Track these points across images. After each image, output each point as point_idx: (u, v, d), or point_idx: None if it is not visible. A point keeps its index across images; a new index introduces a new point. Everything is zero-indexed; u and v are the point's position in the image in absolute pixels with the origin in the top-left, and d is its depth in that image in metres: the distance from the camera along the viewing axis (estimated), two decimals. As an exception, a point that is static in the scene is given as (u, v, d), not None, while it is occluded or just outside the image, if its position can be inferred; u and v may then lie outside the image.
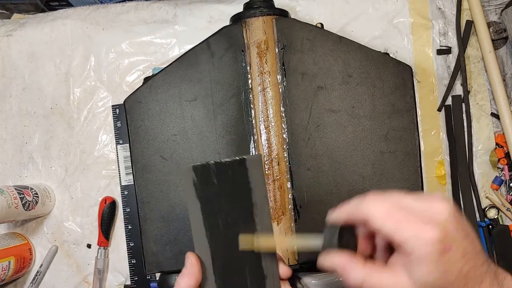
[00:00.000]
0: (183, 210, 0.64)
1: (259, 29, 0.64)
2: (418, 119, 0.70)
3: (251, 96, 0.64)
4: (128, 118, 0.66)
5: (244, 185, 0.42)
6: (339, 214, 0.40)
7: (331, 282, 0.67)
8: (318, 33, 0.65)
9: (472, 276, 0.36)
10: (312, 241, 0.41)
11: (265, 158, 0.63)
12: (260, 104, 0.63)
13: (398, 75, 0.64)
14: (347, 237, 0.39)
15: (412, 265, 0.36)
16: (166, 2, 0.79)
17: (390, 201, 0.38)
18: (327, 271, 0.70)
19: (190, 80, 0.65)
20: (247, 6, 0.67)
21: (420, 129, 0.71)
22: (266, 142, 0.63)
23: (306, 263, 0.63)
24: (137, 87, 0.67)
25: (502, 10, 0.72)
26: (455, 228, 0.36)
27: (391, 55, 0.73)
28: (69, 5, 0.88)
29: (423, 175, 0.71)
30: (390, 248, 0.40)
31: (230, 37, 0.65)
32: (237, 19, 0.66)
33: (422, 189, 0.62)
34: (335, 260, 0.39)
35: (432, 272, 0.35)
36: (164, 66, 0.67)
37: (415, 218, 0.36)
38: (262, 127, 0.63)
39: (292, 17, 0.68)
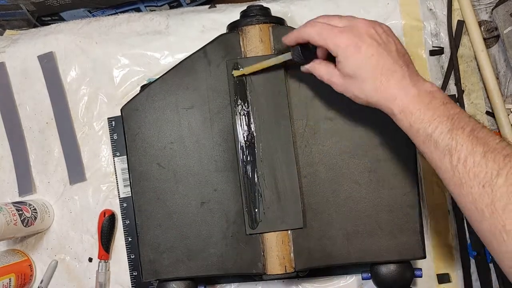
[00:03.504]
0: (180, 218, 0.64)
1: (255, 37, 0.64)
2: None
3: (247, 104, 0.64)
4: (125, 126, 0.66)
5: None
6: (290, 39, 0.57)
7: None
8: None
9: (380, 70, 0.51)
10: (283, 57, 0.59)
11: (263, 165, 0.63)
12: (256, 111, 0.63)
13: None
14: (306, 51, 0.57)
15: (338, 63, 0.53)
16: (158, 13, 0.79)
17: (321, 22, 0.54)
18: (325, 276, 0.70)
19: (187, 88, 0.65)
20: (243, 14, 0.67)
21: (416, 130, 0.71)
22: (263, 149, 0.63)
23: (303, 271, 0.62)
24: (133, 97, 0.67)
25: (492, 9, 0.72)
26: (367, 36, 0.52)
27: (384, 58, 0.73)
28: (61, 19, 0.88)
29: (421, 180, 0.71)
30: None
31: (227, 45, 0.65)
32: (233, 27, 0.66)
33: (419, 196, 0.62)
34: (306, 67, 0.59)
35: (348, 65, 0.52)
36: (158, 76, 0.67)
37: (337, 31, 0.52)
38: (258, 134, 0.63)
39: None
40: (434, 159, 0.48)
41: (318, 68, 0.57)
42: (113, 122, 0.76)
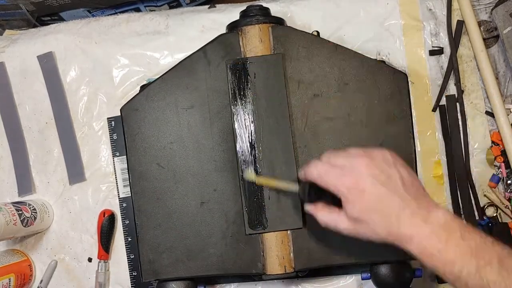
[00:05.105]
0: (179, 218, 0.64)
1: (255, 37, 0.64)
2: (413, 120, 0.70)
3: (246, 104, 0.64)
4: (124, 126, 0.66)
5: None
6: (302, 175, 0.56)
7: None
8: (314, 41, 0.65)
9: (388, 211, 0.49)
10: (291, 187, 0.59)
11: (263, 165, 0.63)
12: (255, 111, 0.63)
13: (394, 83, 0.64)
14: (317, 191, 0.55)
15: (344, 205, 0.51)
16: (157, 13, 0.79)
17: (323, 162, 0.53)
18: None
19: (187, 87, 0.65)
20: (243, 14, 0.67)
21: (415, 130, 0.71)
22: (263, 150, 0.63)
23: (303, 271, 0.62)
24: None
25: (492, 9, 0.72)
26: (369, 176, 0.49)
27: (383, 58, 0.73)
28: (61, 19, 0.89)
29: (420, 176, 0.71)
30: None
31: (227, 45, 0.65)
32: (233, 27, 0.66)
33: None
34: (308, 208, 0.56)
35: (354, 210, 0.50)
36: (158, 76, 0.67)
37: (337, 173, 0.51)
38: (258, 134, 0.63)
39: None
40: None
41: (321, 213, 0.55)
42: (113, 122, 0.76)
